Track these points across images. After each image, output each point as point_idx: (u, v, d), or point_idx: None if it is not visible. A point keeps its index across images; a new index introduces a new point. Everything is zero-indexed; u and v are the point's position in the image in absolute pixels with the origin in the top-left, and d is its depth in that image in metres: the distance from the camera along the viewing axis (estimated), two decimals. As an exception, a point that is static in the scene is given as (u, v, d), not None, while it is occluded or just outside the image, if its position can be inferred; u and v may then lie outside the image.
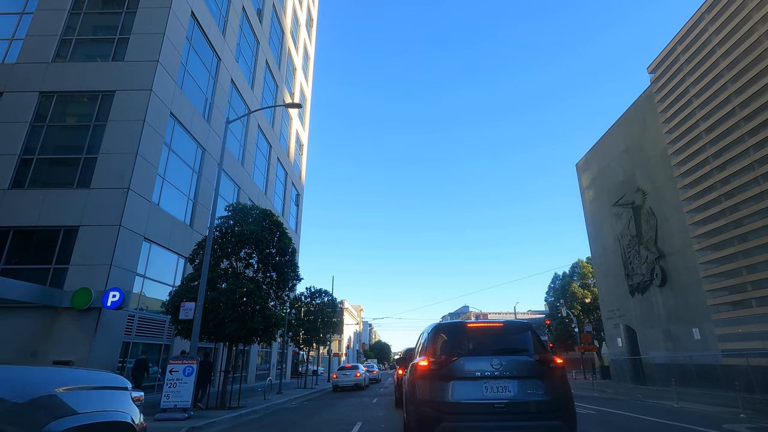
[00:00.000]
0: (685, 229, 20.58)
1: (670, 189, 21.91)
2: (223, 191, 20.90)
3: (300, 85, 37.71)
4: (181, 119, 17.30)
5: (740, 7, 17.37)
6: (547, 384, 5.01)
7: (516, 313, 59.35)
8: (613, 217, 27.96)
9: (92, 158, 14.50)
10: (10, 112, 15.02)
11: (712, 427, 8.84)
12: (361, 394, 19.97)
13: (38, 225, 13.65)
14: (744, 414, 10.86)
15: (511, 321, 5.86)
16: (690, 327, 20.67)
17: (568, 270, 46.01)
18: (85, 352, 12.20)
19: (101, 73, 15.62)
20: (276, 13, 30.83)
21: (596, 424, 9.29)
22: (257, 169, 26.81)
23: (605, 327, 30.65)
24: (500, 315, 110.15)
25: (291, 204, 34.68)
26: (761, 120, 16.17)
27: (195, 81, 18.94)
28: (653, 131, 23.42)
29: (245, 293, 13.28)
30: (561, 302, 40.79)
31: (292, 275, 15.39)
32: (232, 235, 14.47)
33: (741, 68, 17.13)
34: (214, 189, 13.73)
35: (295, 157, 36.47)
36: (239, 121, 23.71)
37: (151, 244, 15.44)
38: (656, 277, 23.26)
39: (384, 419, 10.47)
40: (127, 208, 13.80)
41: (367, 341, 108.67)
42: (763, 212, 16.10)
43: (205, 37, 19.77)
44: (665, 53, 21.86)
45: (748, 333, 16.55)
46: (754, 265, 16.47)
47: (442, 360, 5.25)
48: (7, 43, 16.43)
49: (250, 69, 25.97)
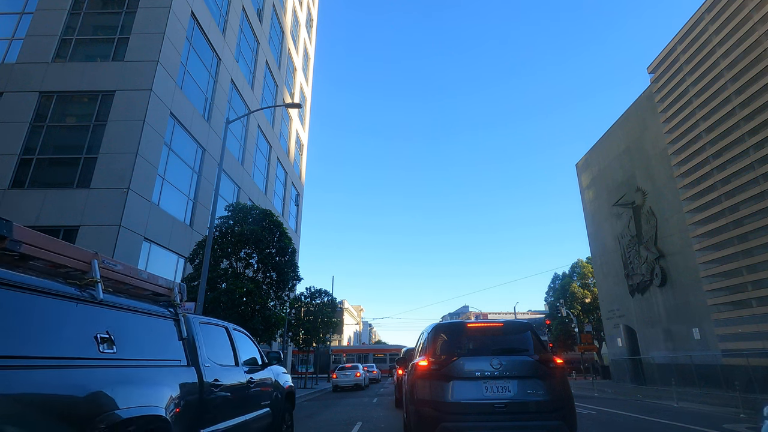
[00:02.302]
0: (685, 229, 20.58)
1: (670, 189, 21.91)
2: (223, 191, 20.90)
3: (300, 85, 37.72)
4: (181, 119, 17.30)
5: (740, 7, 17.37)
6: (547, 384, 5.02)
7: (516, 313, 59.36)
8: (613, 217, 27.97)
9: (92, 158, 14.50)
10: (10, 112, 15.02)
11: (712, 427, 8.84)
12: (361, 394, 19.98)
13: (38, 225, 13.64)
14: (744, 414, 10.86)
15: (511, 321, 5.86)
16: (690, 327, 20.68)
17: (568, 270, 46.02)
18: (85, 352, 12.18)
19: (101, 73, 15.62)
20: (276, 13, 30.84)
21: (596, 424, 9.29)
22: (257, 169, 26.81)
23: (605, 327, 30.66)
24: (500, 315, 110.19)
25: (291, 204, 34.69)
26: (761, 120, 16.18)
27: (195, 81, 18.95)
28: (653, 131, 23.42)
29: (245, 293, 13.29)
30: (561, 302, 40.78)
31: (292, 275, 15.41)
32: (232, 235, 14.47)
33: (741, 68, 17.13)
34: (214, 189, 13.72)
35: (295, 157, 36.48)
36: (239, 121, 23.72)
37: (151, 244, 15.44)
38: (656, 277, 23.27)
39: (384, 419, 10.48)
40: (127, 208, 13.81)
41: (367, 341, 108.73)
42: (763, 212, 16.11)
43: (205, 37, 19.78)
44: (665, 53, 21.87)
45: (748, 333, 16.55)
46: (754, 264, 16.47)
47: (442, 360, 5.26)
48: (7, 43, 16.44)
49: (250, 69, 25.98)
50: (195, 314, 4.73)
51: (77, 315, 2.75)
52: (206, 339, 4.44)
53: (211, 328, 4.75)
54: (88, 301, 2.86)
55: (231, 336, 5.20)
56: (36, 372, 2.29)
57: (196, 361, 4.01)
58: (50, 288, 2.58)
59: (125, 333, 3.16)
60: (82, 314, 2.78)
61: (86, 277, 2.97)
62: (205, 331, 4.54)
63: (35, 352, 2.34)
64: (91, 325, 2.84)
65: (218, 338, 4.85)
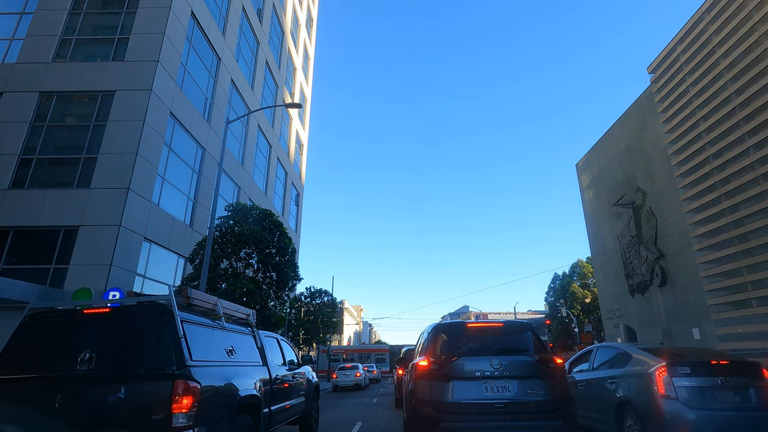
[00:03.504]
0: (685, 229, 20.58)
1: (670, 189, 21.91)
2: (223, 191, 20.90)
3: (300, 85, 37.71)
4: (181, 119, 17.30)
5: (740, 7, 17.37)
6: (547, 384, 5.02)
7: (516, 313, 59.36)
8: (613, 217, 27.97)
9: (92, 158, 14.50)
10: (10, 112, 15.02)
11: (712, 427, 8.82)
12: (361, 394, 19.98)
13: (38, 225, 13.65)
14: (744, 414, 10.84)
15: (511, 321, 5.86)
16: (690, 327, 20.68)
17: (568, 270, 46.05)
18: (85, 352, 12.19)
19: (101, 73, 15.62)
20: (276, 12, 30.84)
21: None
22: (257, 169, 26.81)
23: (605, 327, 30.66)
24: (500, 315, 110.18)
25: (291, 204, 34.69)
26: (761, 120, 16.17)
27: (195, 81, 18.95)
28: (653, 131, 23.42)
29: (245, 293, 13.29)
30: (561, 302, 40.80)
31: (292, 275, 15.41)
32: (232, 235, 14.47)
33: (741, 68, 17.13)
34: (214, 189, 13.73)
35: (295, 157, 36.48)
36: (239, 121, 23.72)
37: (151, 244, 15.44)
38: (656, 277, 23.27)
39: (384, 419, 10.48)
40: (127, 208, 13.80)
41: (367, 341, 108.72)
42: (763, 212, 16.10)
43: (205, 37, 19.78)
44: (665, 53, 21.87)
45: (748, 333, 16.55)
46: (754, 264, 16.47)
47: (442, 360, 5.26)
48: (7, 43, 16.44)
49: (250, 69, 25.98)
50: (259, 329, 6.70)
51: (217, 337, 4.89)
52: (268, 346, 6.50)
53: (269, 339, 6.88)
54: (220, 327, 5.07)
55: (280, 344, 7.28)
56: (212, 369, 4.28)
57: (266, 362, 6.05)
58: (204, 322, 4.73)
59: (237, 345, 5.25)
60: (219, 336, 4.95)
61: (216, 314, 5.14)
62: (267, 341, 6.60)
63: (206, 357, 4.31)
64: (224, 341, 4.99)
65: (273, 345, 6.92)
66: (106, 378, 3.76)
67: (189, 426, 3.63)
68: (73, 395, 3.66)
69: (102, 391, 3.69)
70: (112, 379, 3.74)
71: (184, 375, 3.72)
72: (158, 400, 3.62)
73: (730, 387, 5.15)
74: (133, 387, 3.70)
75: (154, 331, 4.00)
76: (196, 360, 4.01)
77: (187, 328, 4.15)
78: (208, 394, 3.93)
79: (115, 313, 4.19)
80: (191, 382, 3.72)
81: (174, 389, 3.63)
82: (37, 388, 3.76)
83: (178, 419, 3.58)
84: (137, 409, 3.64)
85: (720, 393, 5.14)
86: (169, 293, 4.25)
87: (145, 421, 3.58)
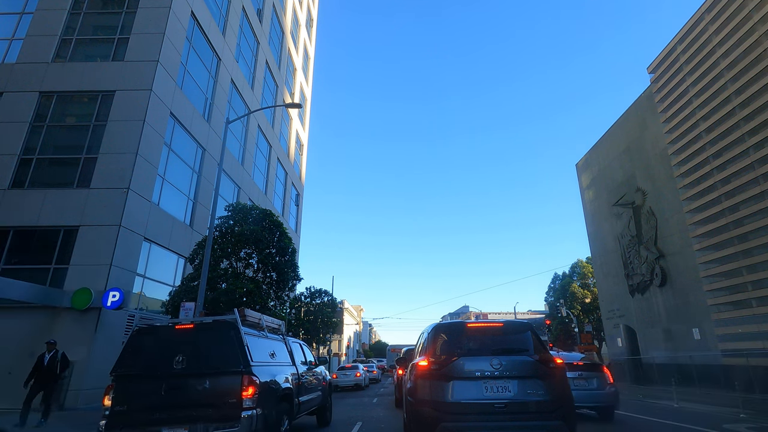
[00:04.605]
0: (685, 229, 20.58)
1: (670, 189, 21.91)
2: (223, 191, 20.90)
3: (300, 85, 37.71)
4: (181, 119, 17.30)
5: (740, 7, 17.37)
6: (547, 384, 5.01)
7: (516, 313, 59.35)
8: (613, 217, 27.97)
9: (92, 158, 14.50)
10: (10, 112, 15.02)
11: (712, 427, 8.83)
12: (361, 394, 19.96)
13: (38, 225, 13.65)
14: (744, 414, 10.85)
15: (510, 321, 5.86)
16: (690, 327, 20.68)
17: (568, 270, 46.00)
18: (85, 352, 12.21)
19: (101, 73, 15.62)
20: (276, 13, 30.83)
21: (596, 424, 9.28)
22: (257, 169, 26.81)
23: (605, 327, 30.66)
24: (500, 315, 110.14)
25: (291, 204, 34.68)
26: (761, 120, 16.17)
27: (195, 81, 18.95)
28: (653, 131, 23.42)
29: (245, 293, 13.29)
30: (561, 302, 40.78)
31: (292, 275, 15.39)
32: (232, 235, 14.46)
33: (741, 68, 17.13)
34: (214, 189, 13.74)
35: (295, 157, 36.48)
36: (239, 121, 23.72)
37: (151, 244, 15.44)
38: (656, 277, 23.27)
39: (384, 419, 10.47)
40: (127, 208, 13.81)
41: (367, 341, 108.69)
42: (763, 212, 16.10)
43: (205, 37, 19.78)
44: (665, 53, 21.86)
45: (748, 333, 16.55)
46: (754, 264, 16.47)
47: (442, 360, 5.26)
48: (7, 43, 16.44)
49: (250, 69, 25.97)
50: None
51: (263, 343, 6.49)
52: (294, 350, 8.09)
53: (295, 344, 8.43)
54: (264, 337, 6.76)
55: (302, 347, 8.85)
56: (263, 368, 5.85)
57: (294, 363, 7.65)
58: (255, 333, 6.46)
59: (275, 350, 6.89)
60: (264, 343, 6.56)
61: (260, 326, 7.12)
62: (293, 346, 8.19)
63: (260, 359, 5.87)
64: (268, 347, 6.63)
65: (297, 349, 8.36)
66: (195, 375, 5.31)
67: (253, 407, 5.20)
68: (172, 386, 5.25)
69: (193, 383, 5.27)
70: (200, 375, 5.30)
71: (249, 372, 5.33)
72: (232, 390, 5.20)
73: (584, 377, 9.52)
74: (214, 380, 5.29)
75: (226, 341, 5.56)
76: (255, 362, 5.61)
77: (246, 338, 5.71)
78: (263, 386, 5.51)
79: (198, 328, 5.92)
80: (254, 377, 5.34)
81: (242, 382, 5.23)
82: (149, 381, 5.35)
83: (246, 402, 5.16)
84: (218, 396, 5.21)
85: (580, 381, 9.38)
86: (235, 314, 5.94)
87: (224, 403, 5.15)
